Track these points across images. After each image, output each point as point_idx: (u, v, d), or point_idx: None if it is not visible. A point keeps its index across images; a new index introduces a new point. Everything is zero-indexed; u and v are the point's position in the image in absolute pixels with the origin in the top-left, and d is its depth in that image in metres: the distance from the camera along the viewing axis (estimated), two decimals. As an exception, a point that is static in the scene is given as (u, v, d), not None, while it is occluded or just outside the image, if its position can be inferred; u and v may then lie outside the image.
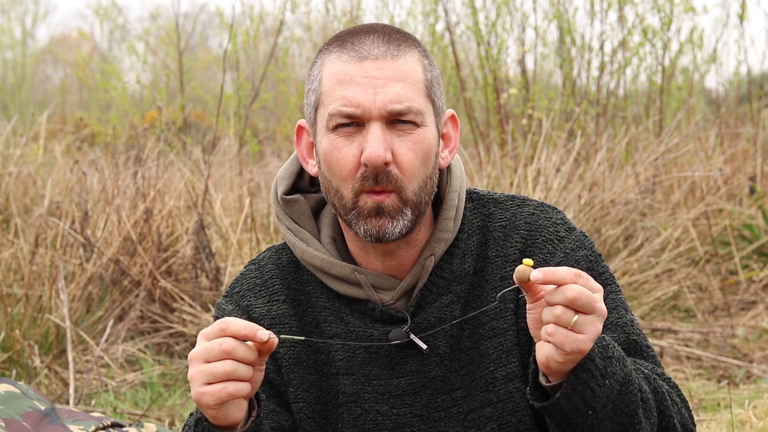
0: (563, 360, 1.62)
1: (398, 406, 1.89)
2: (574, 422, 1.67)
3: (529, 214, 1.92)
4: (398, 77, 1.81)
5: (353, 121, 1.81)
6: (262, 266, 1.98)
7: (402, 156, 1.81)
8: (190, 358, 1.66)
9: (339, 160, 1.81)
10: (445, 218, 1.90)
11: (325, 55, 1.85)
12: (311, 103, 1.87)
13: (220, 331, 1.65)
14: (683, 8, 7.41)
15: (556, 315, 1.60)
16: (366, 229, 1.82)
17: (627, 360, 1.70)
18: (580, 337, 1.60)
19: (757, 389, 4.46)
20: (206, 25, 15.23)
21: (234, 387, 1.64)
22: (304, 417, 1.91)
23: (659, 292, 5.47)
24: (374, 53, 1.81)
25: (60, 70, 16.58)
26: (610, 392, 1.67)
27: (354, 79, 1.80)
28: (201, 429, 1.72)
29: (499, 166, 6.14)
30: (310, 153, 1.92)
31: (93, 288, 5.11)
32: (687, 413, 1.82)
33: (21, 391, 2.83)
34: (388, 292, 1.90)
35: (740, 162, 6.90)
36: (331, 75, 1.83)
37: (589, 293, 1.60)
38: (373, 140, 1.79)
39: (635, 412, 1.70)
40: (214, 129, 6.12)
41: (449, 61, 7.51)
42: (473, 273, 1.90)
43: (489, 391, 1.87)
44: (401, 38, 1.84)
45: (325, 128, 1.83)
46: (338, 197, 1.84)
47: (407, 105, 1.80)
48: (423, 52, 1.86)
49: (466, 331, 1.89)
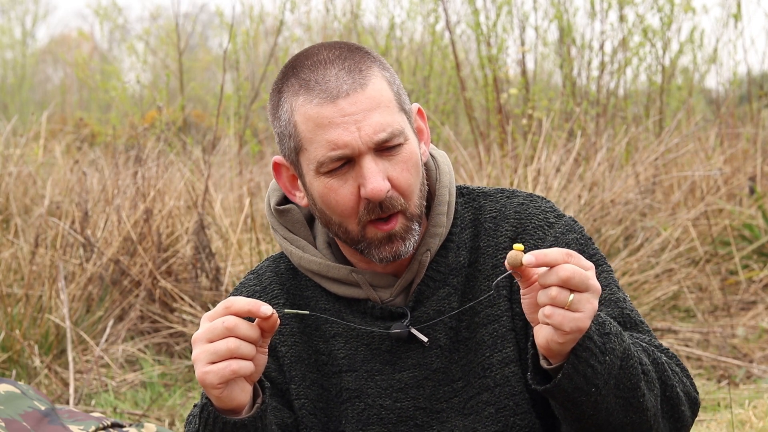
0: (563, 340, 1.63)
1: (401, 400, 1.91)
2: (578, 401, 1.69)
3: (518, 204, 1.95)
4: (373, 105, 1.81)
5: (344, 161, 1.82)
6: (261, 275, 2.01)
7: (398, 179, 1.83)
8: (194, 340, 1.68)
9: (338, 201, 1.84)
10: (438, 213, 1.93)
11: (292, 98, 1.84)
12: (290, 148, 1.87)
13: (224, 310, 1.68)
14: (683, 8, 7.41)
15: (551, 296, 1.61)
16: (381, 257, 1.86)
17: (624, 334, 1.72)
18: (577, 316, 1.62)
19: (757, 389, 4.46)
20: (206, 25, 15.24)
21: (237, 365, 1.66)
22: (307, 414, 1.93)
23: (659, 292, 5.47)
24: (344, 89, 1.81)
25: (60, 70, 16.58)
26: (611, 368, 1.68)
27: (333, 120, 1.81)
28: (207, 414, 1.73)
29: (499, 166, 6.14)
30: (294, 186, 1.94)
31: (93, 288, 5.11)
32: (689, 382, 1.84)
33: (21, 391, 2.84)
34: (386, 289, 1.93)
35: (740, 162, 6.90)
36: (306, 120, 1.83)
37: (582, 271, 1.62)
38: (369, 175, 1.80)
39: (638, 385, 1.71)
40: (214, 129, 6.12)
41: (449, 61, 7.51)
42: (468, 265, 1.93)
43: (486, 377, 1.90)
44: (359, 60, 1.84)
45: (314, 172, 1.84)
46: (343, 231, 1.87)
47: (390, 131, 1.81)
48: (380, 64, 1.87)
49: (464, 322, 1.92)
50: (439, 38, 7.65)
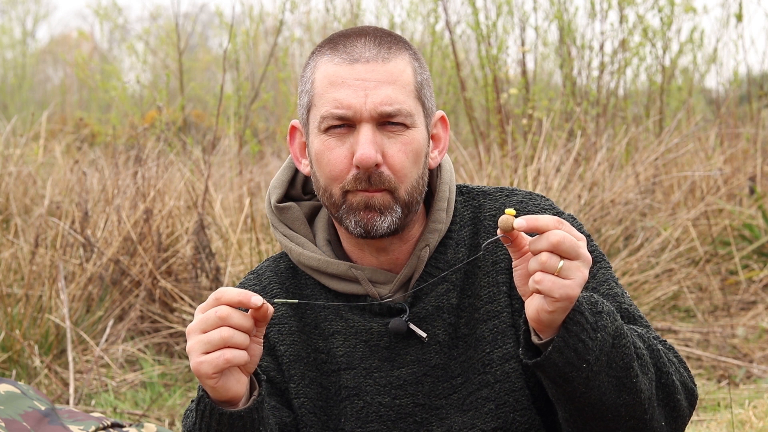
0: (553, 308, 1.63)
1: (400, 397, 1.92)
2: (569, 377, 1.69)
3: (517, 202, 1.96)
4: (389, 79, 1.84)
5: (344, 122, 1.84)
6: (260, 274, 2.02)
7: (393, 157, 1.84)
8: (188, 332, 1.69)
9: (330, 161, 1.85)
10: (438, 209, 1.94)
11: (318, 57, 1.89)
12: (304, 104, 1.91)
13: (215, 301, 1.68)
14: (684, 8, 7.41)
15: (541, 261, 1.62)
16: (355, 221, 1.85)
17: (617, 315, 1.72)
18: (567, 283, 1.62)
19: (757, 389, 4.46)
20: (206, 25, 15.24)
21: (231, 354, 1.66)
22: (306, 412, 1.94)
23: (659, 292, 5.47)
24: (365, 56, 1.84)
25: (60, 70, 16.58)
26: (602, 345, 1.68)
27: (345, 81, 1.84)
28: (203, 406, 1.73)
29: (499, 166, 6.14)
30: (302, 153, 1.96)
31: (93, 288, 5.11)
32: (686, 373, 1.84)
33: (21, 391, 2.84)
34: (385, 285, 1.93)
35: (740, 162, 6.90)
36: (323, 77, 1.86)
37: (572, 238, 1.62)
38: (363, 142, 1.82)
39: (630, 365, 1.71)
40: (214, 129, 6.11)
41: (449, 61, 7.51)
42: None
43: (486, 373, 1.90)
44: (393, 41, 1.88)
45: (317, 129, 1.87)
46: (327, 195, 1.88)
47: (397, 107, 1.84)
48: (414, 54, 1.90)
49: (463, 319, 1.92)
50: (439, 38, 7.65)
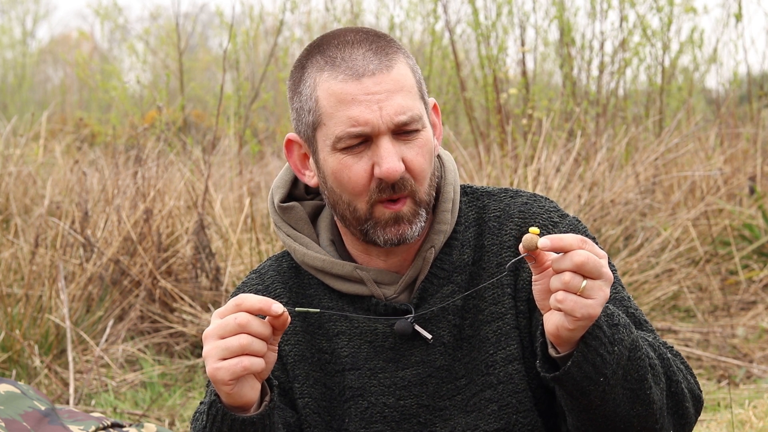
0: (573, 327, 1.64)
1: (404, 398, 1.92)
2: (586, 390, 1.70)
3: (522, 204, 1.96)
4: (396, 88, 1.84)
5: (361, 140, 1.84)
6: (263, 274, 2.01)
7: (413, 162, 1.85)
8: (205, 336, 1.69)
9: (351, 178, 1.85)
10: (443, 210, 1.94)
11: (316, 74, 1.86)
12: (308, 123, 1.88)
13: (235, 307, 1.68)
14: (683, 8, 7.41)
15: (564, 281, 1.62)
16: (386, 238, 1.86)
17: (632, 327, 1.74)
18: (589, 302, 1.62)
19: (757, 389, 4.46)
20: (206, 25, 15.24)
21: (249, 361, 1.66)
22: (310, 412, 1.94)
23: (659, 292, 5.47)
24: (370, 68, 1.84)
25: (60, 70, 16.58)
26: (619, 358, 1.69)
27: (356, 97, 1.83)
28: (215, 411, 1.73)
29: (499, 166, 6.14)
30: (304, 164, 1.95)
31: (93, 288, 5.11)
32: (693, 380, 1.86)
33: (21, 391, 2.84)
34: (390, 286, 1.93)
35: (740, 162, 6.90)
36: (329, 95, 1.84)
37: (595, 258, 1.63)
38: (386, 155, 1.82)
39: (645, 377, 1.73)
40: (214, 129, 6.12)
41: (449, 61, 7.51)
42: (472, 263, 1.94)
43: (489, 374, 1.90)
44: (386, 44, 1.87)
45: (329, 148, 1.86)
46: (351, 210, 1.87)
47: (410, 114, 1.84)
48: (405, 52, 1.90)
49: (467, 320, 1.92)
50: (439, 38, 7.65)
